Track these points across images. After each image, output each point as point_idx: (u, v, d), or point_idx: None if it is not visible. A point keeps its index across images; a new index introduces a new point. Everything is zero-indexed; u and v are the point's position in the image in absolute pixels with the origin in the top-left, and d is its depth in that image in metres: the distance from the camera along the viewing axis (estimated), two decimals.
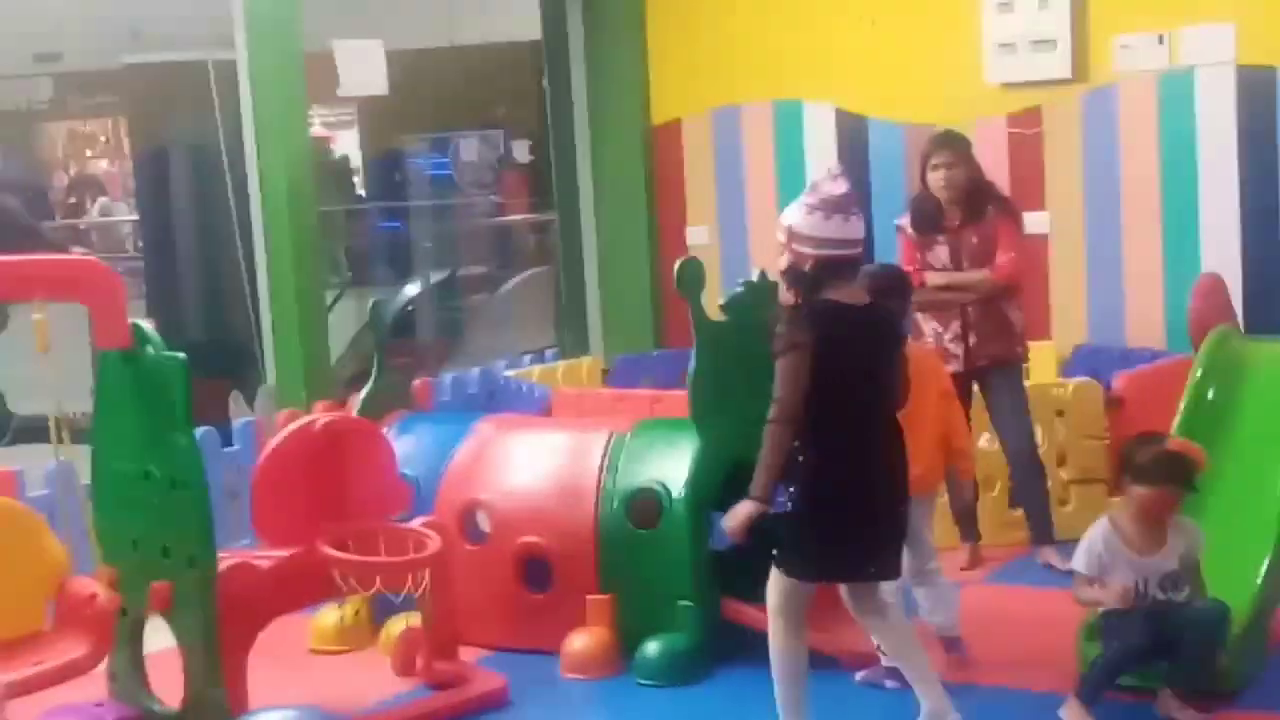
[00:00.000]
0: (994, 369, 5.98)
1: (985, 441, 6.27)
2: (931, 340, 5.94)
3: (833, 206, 3.99)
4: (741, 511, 3.98)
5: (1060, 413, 6.34)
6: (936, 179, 5.94)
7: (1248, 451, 5.16)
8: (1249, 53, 6.98)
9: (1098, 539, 4.45)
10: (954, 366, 5.77)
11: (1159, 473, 4.37)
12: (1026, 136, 7.55)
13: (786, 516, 4.03)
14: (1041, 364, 7.17)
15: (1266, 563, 4.74)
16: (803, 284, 4.04)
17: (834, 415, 3.96)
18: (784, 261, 4.06)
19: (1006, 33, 7.47)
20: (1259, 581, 4.71)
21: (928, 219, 6.01)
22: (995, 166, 7.56)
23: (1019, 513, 6.26)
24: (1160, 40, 7.19)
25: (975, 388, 6.00)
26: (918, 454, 4.35)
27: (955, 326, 5.95)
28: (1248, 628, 4.55)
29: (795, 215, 4.03)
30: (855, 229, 4.03)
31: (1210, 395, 5.37)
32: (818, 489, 4.00)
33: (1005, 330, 5.99)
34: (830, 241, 3.98)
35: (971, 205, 5.98)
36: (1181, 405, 5.37)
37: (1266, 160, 7.01)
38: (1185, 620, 4.33)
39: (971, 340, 5.93)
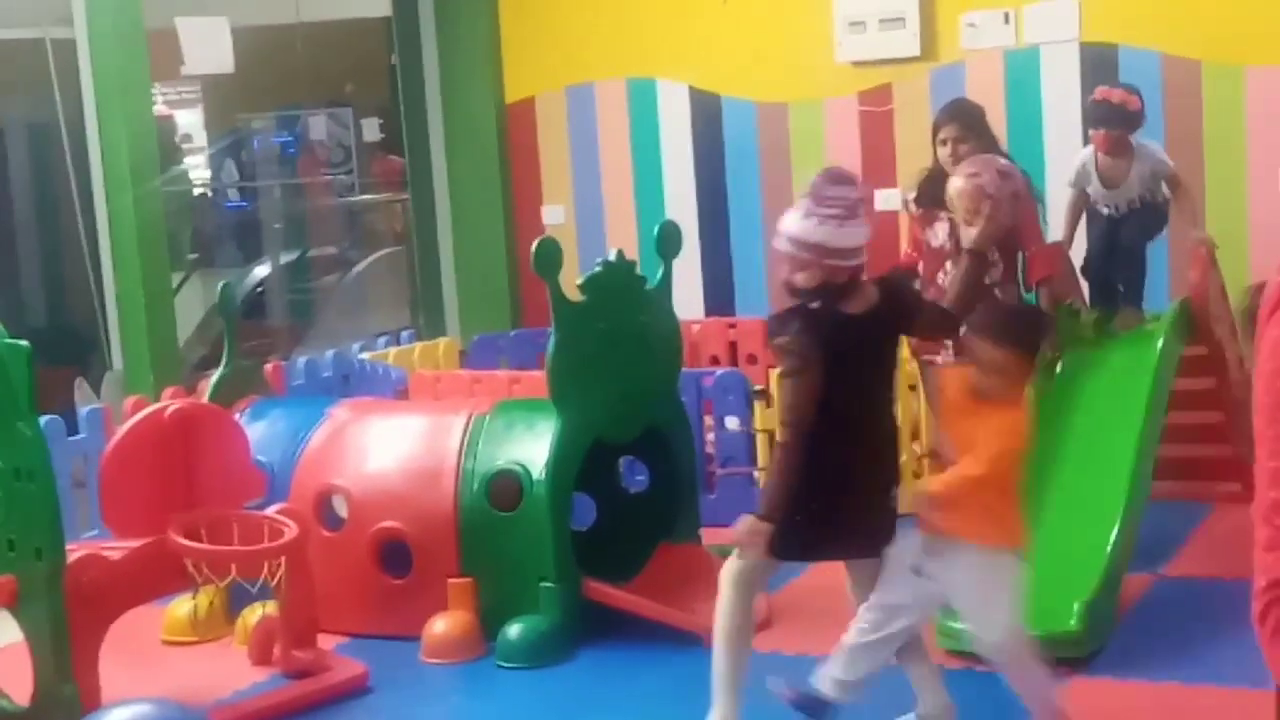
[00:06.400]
0: None
1: None
2: None
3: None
4: None
5: (913, 387, 6.40)
6: (945, 154, 5.46)
7: (1095, 426, 5.30)
8: (1092, 30, 7.11)
9: None
10: (944, 358, 5.48)
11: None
12: (877, 114, 7.62)
13: None
14: None
15: (1114, 534, 4.86)
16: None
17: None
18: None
19: (856, 11, 7.54)
20: (1107, 550, 4.83)
21: (930, 194, 5.49)
22: (847, 144, 7.67)
23: None
24: (1006, 19, 7.30)
25: None
26: None
27: None
28: (1096, 596, 4.65)
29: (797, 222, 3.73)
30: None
31: (1060, 370, 5.51)
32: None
33: None
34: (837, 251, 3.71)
35: None
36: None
37: None
38: None
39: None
